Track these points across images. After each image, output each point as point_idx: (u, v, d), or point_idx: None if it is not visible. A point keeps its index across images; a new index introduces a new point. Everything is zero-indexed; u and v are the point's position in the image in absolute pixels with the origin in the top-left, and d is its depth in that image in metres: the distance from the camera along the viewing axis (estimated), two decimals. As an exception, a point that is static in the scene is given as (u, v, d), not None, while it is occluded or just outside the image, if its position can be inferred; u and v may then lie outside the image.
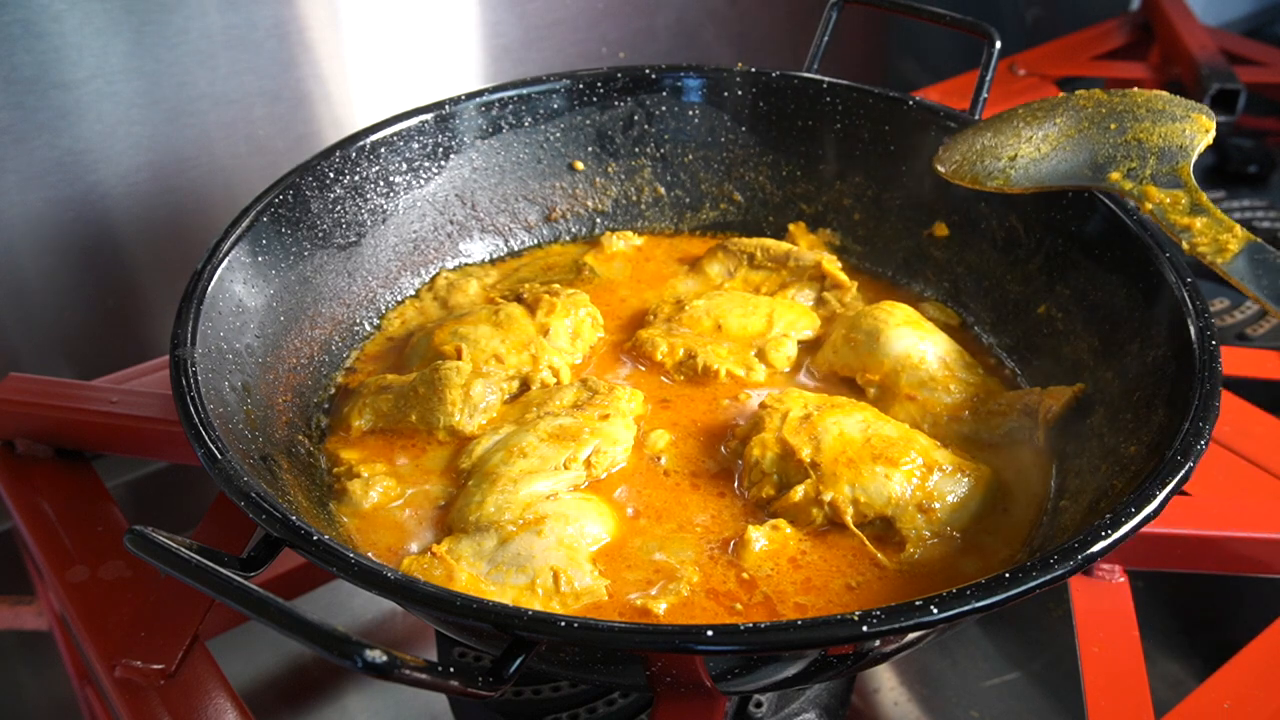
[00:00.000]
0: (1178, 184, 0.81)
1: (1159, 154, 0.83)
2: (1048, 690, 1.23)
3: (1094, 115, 0.89)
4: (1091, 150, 0.86)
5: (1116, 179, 0.84)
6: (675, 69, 1.20)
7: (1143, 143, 0.85)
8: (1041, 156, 0.88)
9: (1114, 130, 0.87)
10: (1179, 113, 0.86)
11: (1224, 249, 0.75)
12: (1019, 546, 0.86)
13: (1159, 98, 0.88)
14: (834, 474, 0.86)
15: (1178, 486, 0.73)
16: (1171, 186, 0.81)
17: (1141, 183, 0.82)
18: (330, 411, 1.00)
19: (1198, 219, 0.78)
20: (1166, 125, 0.85)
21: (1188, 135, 0.84)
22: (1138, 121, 0.86)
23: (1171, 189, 0.81)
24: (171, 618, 0.87)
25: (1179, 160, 0.82)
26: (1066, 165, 0.88)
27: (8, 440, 1.05)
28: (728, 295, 1.11)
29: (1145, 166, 0.83)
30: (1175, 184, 0.81)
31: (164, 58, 1.26)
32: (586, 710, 0.97)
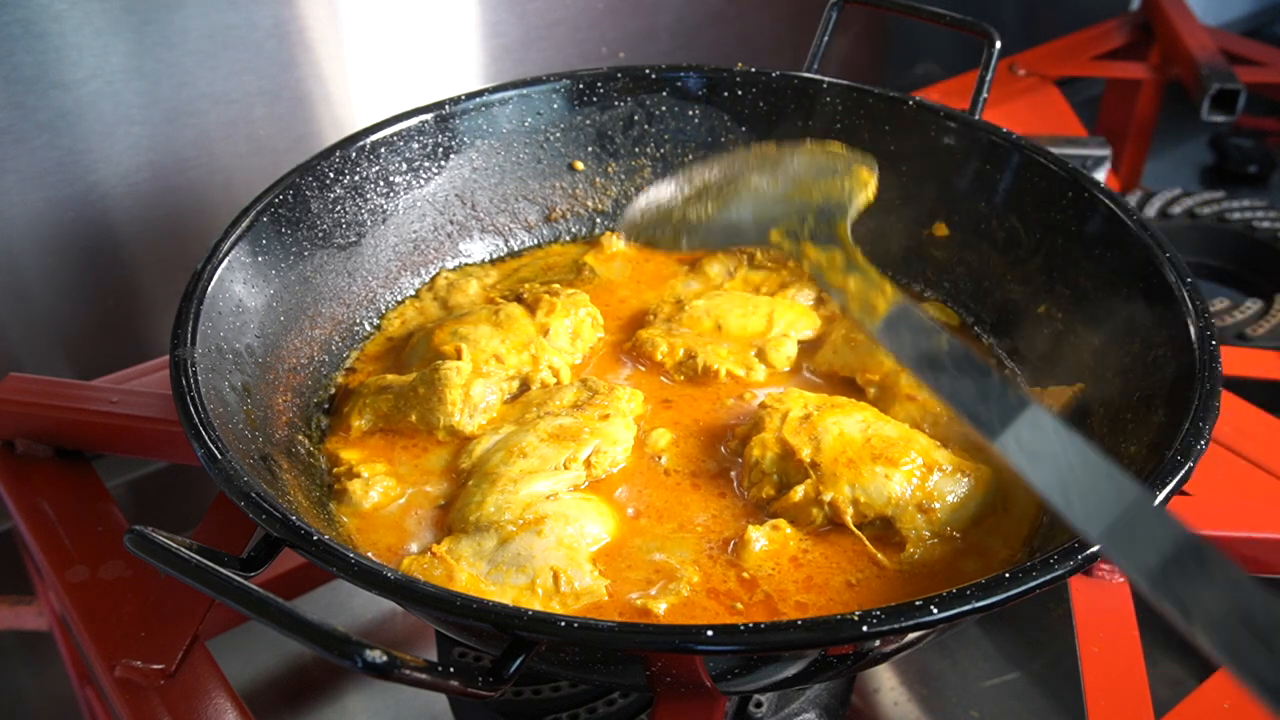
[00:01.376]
0: (835, 241, 0.79)
1: (817, 211, 0.82)
2: (1048, 690, 1.23)
3: (761, 172, 0.87)
4: (755, 209, 0.85)
5: (776, 238, 0.82)
6: (675, 69, 1.20)
7: (804, 201, 0.83)
8: (708, 219, 0.87)
9: (779, 189, 0.85)
10: (840, 167, 0.85)
11: (874, 310, 0.73)
12: (1019, 546, 0.86)
13: (823, 151, 0.87)
14: (834, 474, 0.86)
15: (1178, 486, 0.73)
16: (829, 244, 0.79)
17: (799, 241, 0.81)
18: (330, 411, 1.00)
19: (852, 278, 0.76)
20: (826, 181, 0.84)
21: (846, 191, 0.83)
22: (800, 178, 0.85)
23: (829, 247, 0.79)
24: (171, 618, 0.87)
25: (836, 217, 0.81)
26: (730, 227, 0.86)
27: (8, 440, 1.05)
28: (728, 295, 1.11)
29: (804, 225, 0.81)
30: (832, 241, 0.79)
31: (164, 58, 1.26)
32: (586, 710, 0.97)
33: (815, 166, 0.85)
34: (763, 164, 0.87)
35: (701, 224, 0.86)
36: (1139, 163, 1.92)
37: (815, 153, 0.88)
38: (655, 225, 0.89)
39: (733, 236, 0.86)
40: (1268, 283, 1.56)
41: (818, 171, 0.84)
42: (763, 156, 0.88)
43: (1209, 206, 1.65)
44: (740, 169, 0.87)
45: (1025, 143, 1.07)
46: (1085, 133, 1.66)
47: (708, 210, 0.86)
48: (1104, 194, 1.00)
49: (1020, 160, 1.07)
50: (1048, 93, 1.75)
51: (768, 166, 0.87)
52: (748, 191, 0.86)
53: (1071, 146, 1.51)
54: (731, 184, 0.86)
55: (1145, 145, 1.90)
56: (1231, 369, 1.16)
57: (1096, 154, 1.50)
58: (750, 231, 0.84)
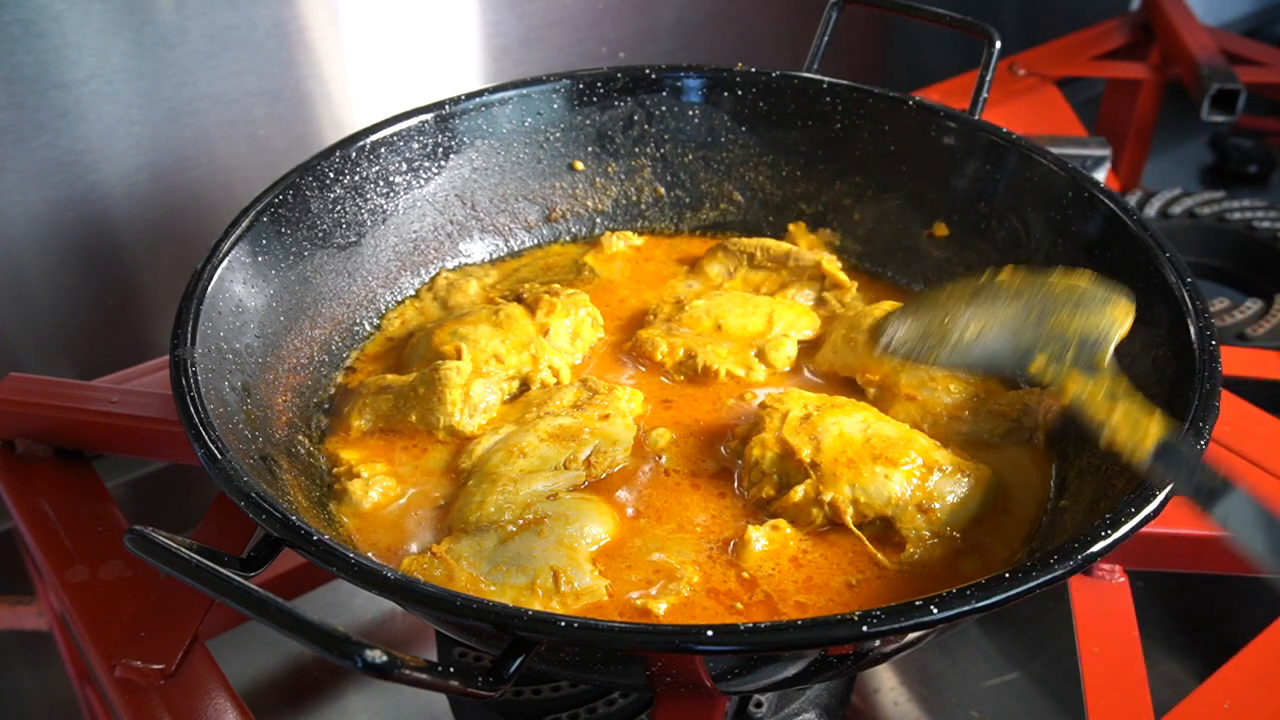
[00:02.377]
0: (1095, 370, 0.80)
1: (1079, 343, 0.83)
2: (1048, 690, 1.23)
3: (1015, 302, 0.89)
4: (1015, 338, 0.86)
5: (1038, 367, 0.83)
6: (675, 69, 1.20)
7: (1063, 332, 0.84)
8: (966, 344, 0.88)
9: (1035, 319, 0.86)
10: (1097, 301, 0.86)
11: (1143, 442, 0.73)
12: (1019, 546, 0.86)
13: (1078, 286, 0.88)
14: (834, 474, 0.86)
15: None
16: (1092, 374, 0.80)
17: (1063, 370, 0.82)
18: (330, 411, 1.00)
19: (1117, 409, 0.76)
20: (1085, 314, 0.85)
21: (1106, 324, 0.84)
22: (1057, 310, 0.86)
23: (1092, 376, 0.80)
24: (171, 618, 0.87)
25: (1098, 350, 0.82)
26: (990, 352, 0.87)
27: (8, 440, 1.05)
28: (728, 295, 1.11)
29: (1066, 354, 0.83)
30: (1095, 371, 0.80)
31: (164, 58, 1.26)
32: (586, 710, 0.97)
33: (1070, 298, 0.87)
34: (1015, 295, 0.89)
35: (957, 350, 0.88)
36: (1139, 163, 1.92)
37: (1067, 284, 0.89)
38: (911, 350, 0.90)
39: (991, 364, 0.88)
40: (1268, 283, 1.56)
41: (1074, 305, 0.86)
42: (1016, 287, 0.90)
43: (1209, 206, 1.65)
44: (994, 299, 0.89)
45: (1025, 143, 1.07)
46: (1085, 133, 1.66)
47: (965, 337, 0.88)
48: (1104, 194, 1.00)
49: (1020, 160, 1.07)
50: (1048, 93, 1.75)
51: (1023, 297, 0.89)
52: (1004, 323, 0.87)
53: (1071, 146, 1.51)
54: (987, 314, 0.88)
55: (1145, 145, 1.90)
56: (1231, 369, 1.16)
57: (1096, 154, 1.50)
58: (1009, 359, 0.86)
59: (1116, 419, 0.75)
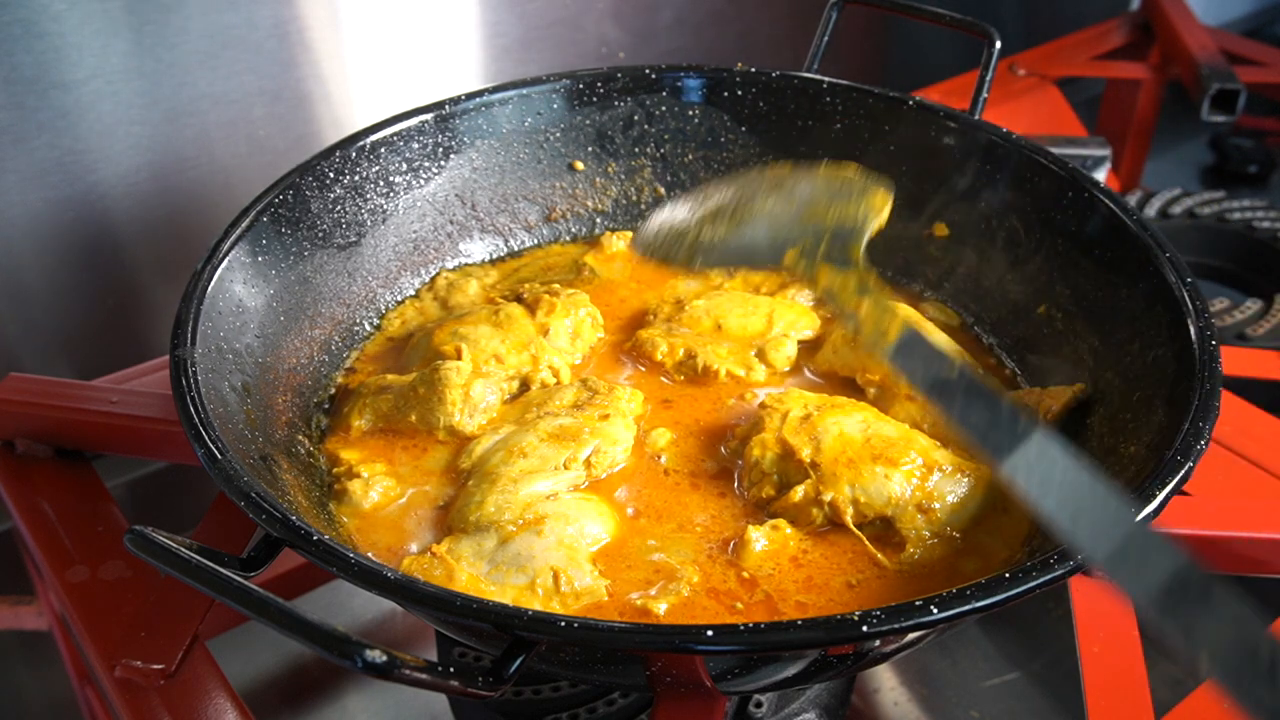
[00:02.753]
0: (849, 264, 0.79)
1: (832, 234, 0.82)
2: (1048, 690, 1.23)
3: (776, 193, 0.87)
4: (771, 231, 0.85)
5: (790, 260, 0.82)
6: (675, 69, 1.20)
7: (819, 224, 0.83)
8: (722, 239, 0.87)
9: (793, 211, 0.85)
10: (854, 190, 0.85)
11: (885, 335, 0.72)
12: (1019, 546, 0.86)
13: (839, 177, 0.87)
14: (834, 474, 0.86)
15: (1178, 486, 0.73)
16: (843, 266, 0.79)
17: (814, 263, 0.80)
18: (330, 411, 1.00)
19: (865, 302, 0.76)
20: (841, 205, 0.83)
21: (860, 215, 0.82)
22: (815, 202, 0.84)
23: (843, 269, 0.79)
24: (171, 618, 0.87)
25: (851, 241, 0.81)
26: (746, 246, 0.86)
27: (8, 440, 1.05)
28: (728, 295, 1.11)
29: (819, 247, 0.81)
30: (847, 263, 0.79)
31: (164, 58, 1.26)
32: (586, 710, 0.97)
33: (830, 189, 0.85)
34: (777, 185, 0.87)
35: (716, 244, 0.86)
36: (1139, 163, 1.92)
37: (830, 175, 0.88)
38: (669, 245, 0.88)
39: (747, 257, 0.86)
40: (1268, 283, 1.56)
41: (832, 194, 0.84)
42: (777, 178, 0.88)
43: (1209, 206, 1.65)
44: (754, 190, 0.86)
45: (1025, 143, 1.07)
46: (1085, 133, 1.66)
47: (722, 231, 0.86)
48: (1104, 194, 1.00)
49: (1020, 160, 1.07)
50: (1048, 93, 1.75)
51: (782, 188, 0.87)
52: (762, 213, 0.86)
53: (1071, 146, 1.51)
54: (746, 205, 0.86)
55: (1145, 145, 1.90)
56: (1231, 369, 1.16)
57: (1096, 154, 1.50)
58: (765, 252, 0.84)
59: (864, 312, 0.75)
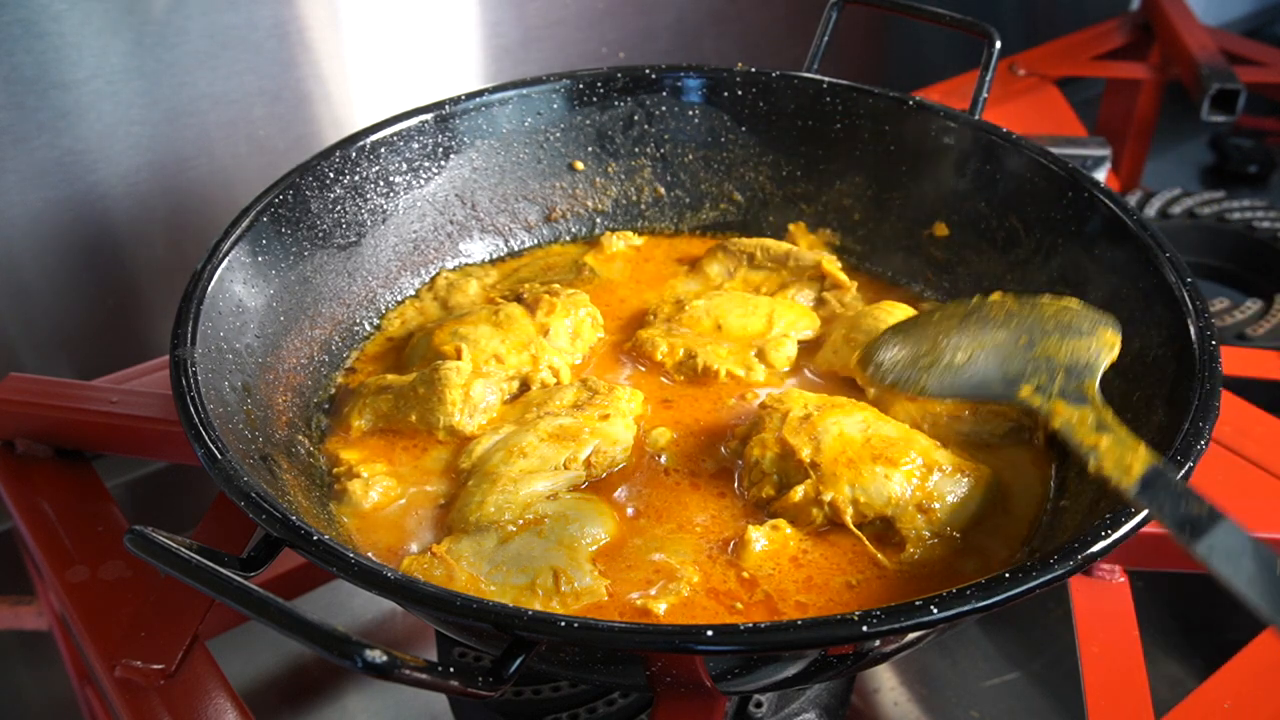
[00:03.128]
0: (1084, 400, 0.79)
1: (1066, 370, 0.82)
2: (1048, 690, 1.23)
3: (1006, 330, 0.88)
4: (1002, 364, 0.86)
5: (1026, 394, 0.83)
6: (675, 69, 1.20)
7: (1051, 358, 0.84)
8: (956, 369, 0.88)
9: (1024, 345, 0.86)
10: (1085, 328, 0.85)
11: (1128, 470, 0.72)
12: (1019, 546, 0.86)
13: (1067, 310, 0.88)
14: (834, 474, 0.86)
15: (1178, 486, 0.73)
16: (1079, 403, 0.79)
17: (1050, 399, 0.81)
18: (330, 411, 1.00)
19: (1104, 437, 0.75)
20: (1074, 341, 0.84)
21: (1093, 352, 0.83)
22: (1046, 336, 0.85)
23: (1079, 405, 0.79)
24: (171, 618, 0.87)
25: (1085, 377, 0.81)
26: (979, 379, 0.87)
27: (8, 440, 1.05)
28: (728, 295, 1.11)
29: (1054, 383, 0.82)
30: (1082, 400, 0.79)
31: (164, 58, 1.26)
32: (586, 710, 0.97)
33: (1059, 323, 0.86)
34: (1007, 319, 0.88)
35: (948, 377, 0.88)
36: (1139, 163, 1.92)
37: (1057, 309, 0.89)
38: (901, 374, 0.90)
39: (979, 390, 0.87)
40: (1268, 283, 1.56)
41: (1063, 330, 0.85)
42: (1006, 309, 0.89)
43: (1209, 206, 1.65)
44: (984, 322, 0.88)
45: (1025, 143, 1.07)
46: (1085, 133, 1.66)
47: (956, 360, 0.88)
48: (1104, 194, 1.00)
49: (1020, 160, 1.07)
50: (1048, 93, 1.75)
51: (1011, 322, 0.88)
52: (994, 346, 0.87)
53: (1071, 146, 1.51)
54: (976, 339, 0.88)
55: (1145, 145, 1.90)
56: (1231, 369, 1.16)
57: (1096, 154, 1.50)
58: (998, 387, 0.85)
59: (1104, 447, 0.75)
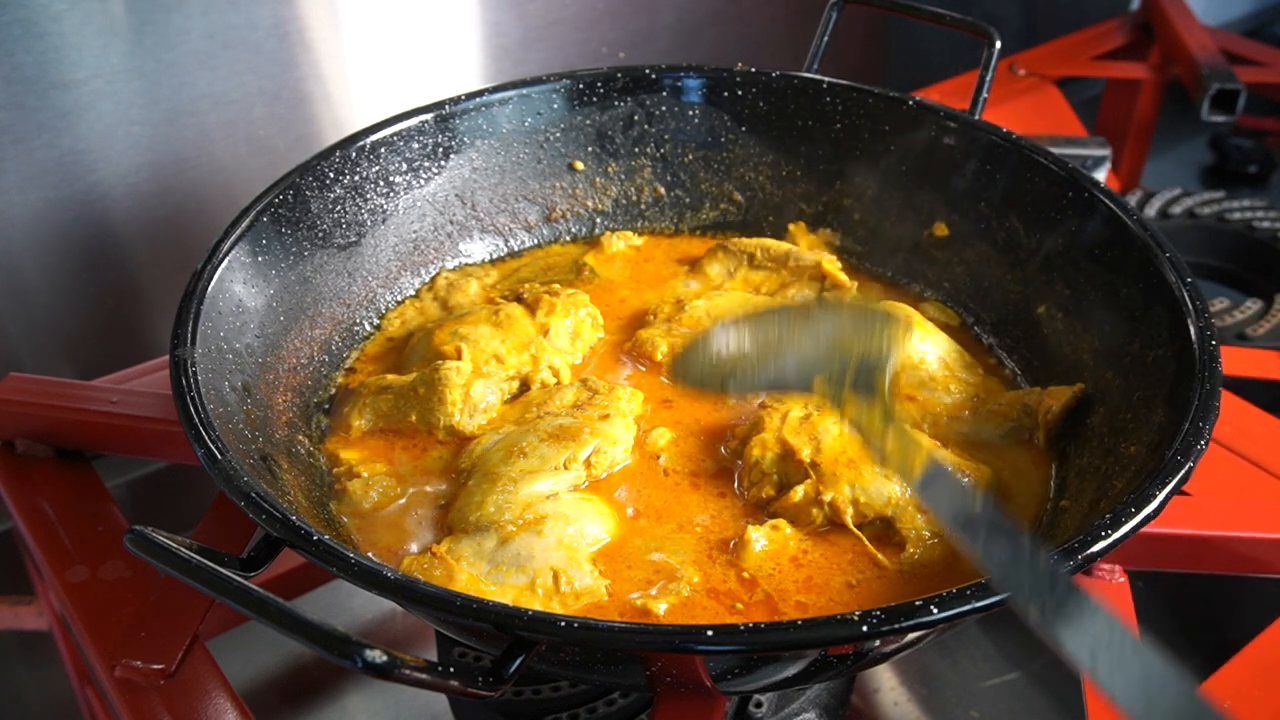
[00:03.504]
0: (873, 394, 0.80)
1: (858, 366, 0.83)
2: (1048, 690, 1.23)
3: (804, 325, 0.89)
4: (799, 362, 0.86)
5: (818, 386, 0.84)
6: (675, 69, 1.20)
7: (845, 354, 0.84)
8: (754, 371, 0.88)
9: (820, 343, 0.87)
10: (876, 324, 0.86)
11: (910, 468, 0.74)
12: (1019, 546, 0.86)
13: (864, 310, 0.89)
14: (834, 474, 0.86)
15: (1178, 486, 0.73)
16: (870, 396, 0.80)
17: (841, 392, 0.82)
18: (330, 411, 1.00)
19: (890, 434, 0.77)
20: (864, 337, 0.85)
21: (883, 347, 0.84)
22: (840, 334, 0.86)
23: (868, 399, 0.80)
24: (171, 618, 0.87)
25: (875, 372, 0.82)
26: (775, 374, 0.88)
27: (8, 440, 1.05)
28: (728, 295, 1.10)
29: (846, 376, 0.83)
30: (873, 394, 0.80)
31: (164, 58, 1.26)
32: (586, 710, 0.97)
33: (854, 322, 0.87)
34: (806, 323, 0.89)
35: (748, 377, 0.89)
36: (1139, 163, 1.92)
37: (855, 309, 0.90)
38: (703, 378, 0.91)
39: (776, 385, 0.88)
40: (1268, 283, 1.56)
41: (856, 327, 0.86)
42: (806, 315, 0.90)
43: (1209, 206, 1.65)
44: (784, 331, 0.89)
45: (1025, 143, 1.07)
46: (1085, 133, 1.66)
47: (754, 367, 0.88)
48: (1104, 194, 1.00)
49: (1020, 160, 1.07)
50: (1048, 93, 1.75)
51: (809, 323, 0.89)
52: (791, 347, 0.88)
53: (1071, 146, 1.51)
54: (777, 343, 0.89)
55: (1145, 145, 1.90)
56: (1231, 369, 1.16)
57: (1096, 154, 1.50)
58: (794, 381, 0.86)
59: (889, 445, 0.76)
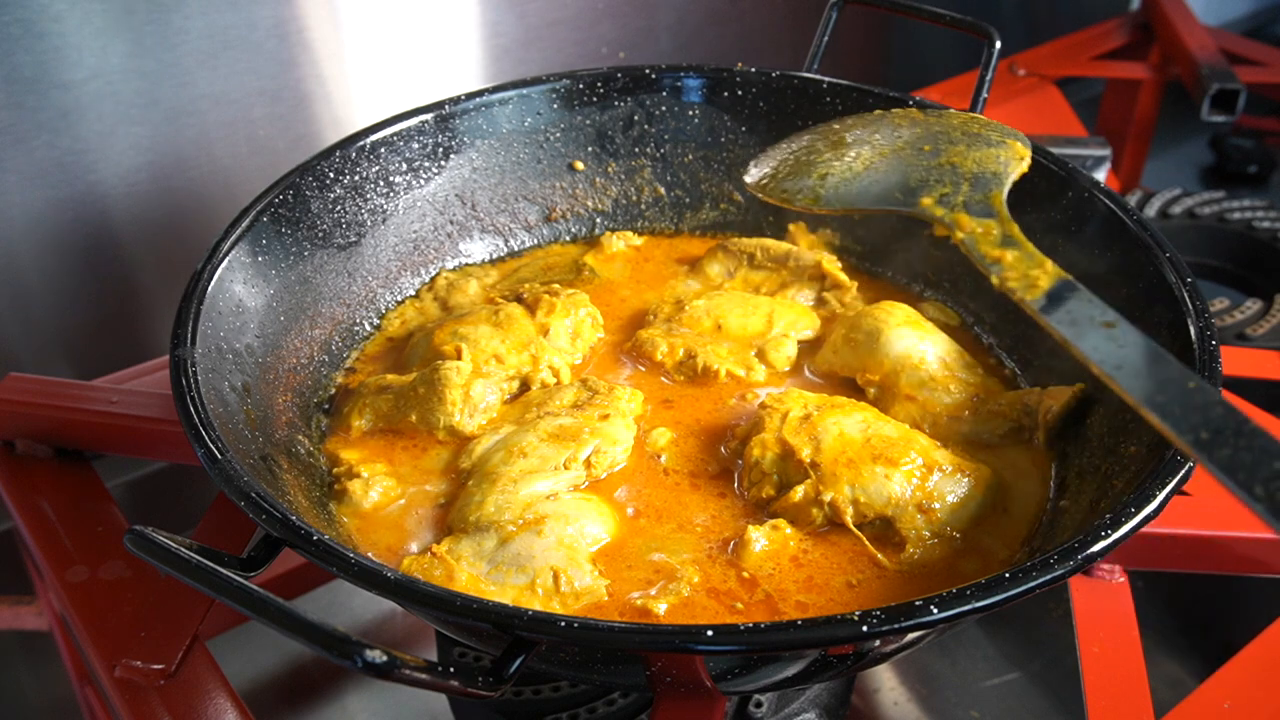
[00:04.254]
0: (990, 213, 0.74)
1: (973, 180, 0.77)
2: (1048, 690, 1.23)
3: (910, 136, 0.81)
4: (904, 173, 0.79)
5: (928, 204, 0.77)
6: (675, 69, 1.20)
7: (956, 167, 0.78)
8: (853, 176, 0.81)
9: (928, 152, 0.80)
10: (995, 138, 0.80)
11: (1034, 285, 0.68)
12: (1019, 547, 0.86)
13: (975, 120, 0.82)
14: (834, 474, 0.86)
15: (1178, 486, 0.73)
16: (984, 215, 0.74)
17: (954, 210, 0.75)
18: (330, 411, 1.00)
19: (1009, 252, 0.71)
20: (981, 150, 0.79)
21: (1002, 162, 0.78)
22: (952, 145, 0.79)
23: (984, 218, 0.74)
24: (171, 618, 0.87)
25: (992, 188, 0.76)
26: (879, 187, 0.80)
27: (8, 440, 1.05)
28: (728, 295, 1.10)
29: (958, 193, 0.76)
30: (988, 213, 0.74)
31: (164, 58, 1.26)
32: (586, 710, 0.97)
33: (966, 133, 0.80)
34: (912, 124, 0.82)
35: (845, 182, 0.80)
36: (1139, 163, 1.92)
37: (964, 119, 0.83)
38: (793, 177, 0.83)
39: (878, 200, 0.80)
40: (1268, 283, 1.56)
41: (970, 140, 0.79)
42: (910, 120, 0.83)
43: (1209, 206, 1.65)
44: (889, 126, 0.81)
45: (1025, 143, 1.07)
46: (1085, 133, 1.66)
47: (853, 169, 0.80)
48: (1104, 194, 1.00)
49: (1020, 160, 1.07)
50: (1048, 93, 1.75)
51: (916, 127, 0.82)
52: (895, 152, 0.80)
53: (1071, 146, 1.51)
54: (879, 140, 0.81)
55: (1145, 145, 1.90)
56: (1231, 369, 1.16)
57: (1096, 154, 1.50)
58: (898, 195, 0.78)
59: (1008, 261, 0.71)
